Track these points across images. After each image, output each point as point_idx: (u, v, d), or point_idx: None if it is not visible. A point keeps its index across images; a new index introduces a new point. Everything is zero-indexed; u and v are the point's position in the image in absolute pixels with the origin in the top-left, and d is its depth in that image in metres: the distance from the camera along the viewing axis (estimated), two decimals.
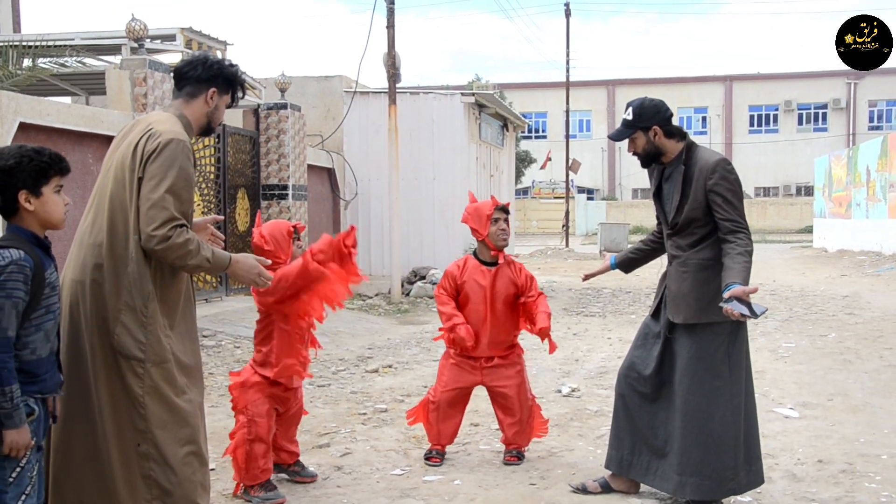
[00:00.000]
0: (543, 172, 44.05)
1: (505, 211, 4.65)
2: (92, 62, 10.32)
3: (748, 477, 3.83)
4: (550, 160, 40.71)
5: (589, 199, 46.92)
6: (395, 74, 12.81)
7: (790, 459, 4.70)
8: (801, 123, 47.25)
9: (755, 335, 9.19)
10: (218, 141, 10.55)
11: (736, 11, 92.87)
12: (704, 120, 47.60)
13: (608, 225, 26.77)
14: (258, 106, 11.69)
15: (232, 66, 3.27)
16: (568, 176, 30.81)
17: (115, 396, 2.96)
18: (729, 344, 3.79)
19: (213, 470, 3.96)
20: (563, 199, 36.53)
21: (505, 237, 4.62)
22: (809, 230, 31.63)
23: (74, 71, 10.13)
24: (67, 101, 11.64)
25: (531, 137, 46.13)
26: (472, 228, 4.63)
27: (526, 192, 45.56)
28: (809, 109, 47.01)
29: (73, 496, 2.94)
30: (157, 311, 3.00)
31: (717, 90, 47.71)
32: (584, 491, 4.15)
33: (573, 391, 6.49)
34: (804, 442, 5.05)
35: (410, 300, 12.85)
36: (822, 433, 5.24)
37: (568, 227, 29.78)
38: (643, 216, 40.85)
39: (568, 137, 30.65)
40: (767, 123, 47.71)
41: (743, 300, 3.49)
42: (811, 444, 5.01)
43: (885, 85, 45.30)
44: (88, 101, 12.02)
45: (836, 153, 26.84)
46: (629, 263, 4.37)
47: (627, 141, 3.97)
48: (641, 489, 4.11)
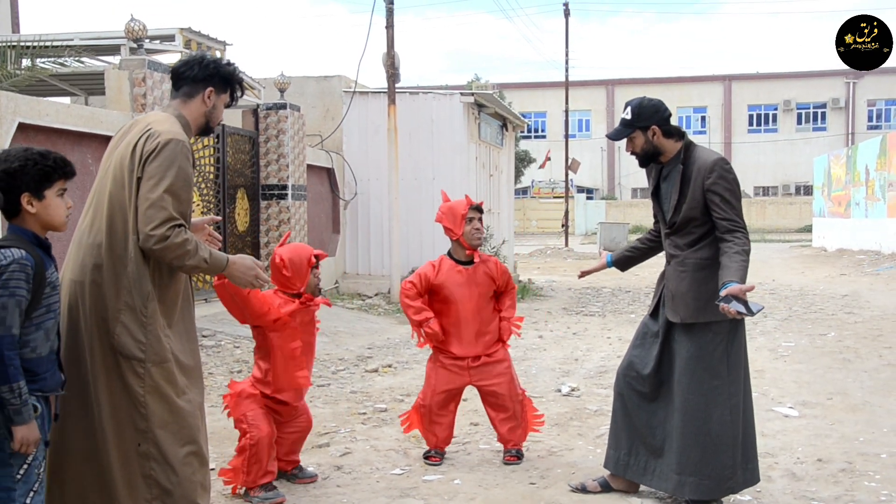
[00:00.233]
0: (543, 172, 44.08)
1: (479, 210, 4.66)
2: (91, 62, 10.31)
3: (744, 475, 3.84)
4: (550, 160, 40.76)
5: (588, 198, 46.95)
6: (394, 74, 12.80)
7: (790, 458, 4.70)
8: (800, 123, 47.27)
9: (755, 334, 9.20)
10: (217, 141, 10.55)
11: (735, 11, 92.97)
12: (703, 119, 47.61)
13: (607, 224, 26.81)
14: (257, 106, 11.68)
15: (229, 64, 3.26)
16: (567, 175, 30.83)
17: (114, 396, 2.96)
18: (727, 343, 3.79)
19: (212, 470, 3.96)
20: (562, 198, 36.56)
21: (479, 236, 4.62)
22: (809, 229, 31.64)
23: (73, 71, 10.12)
24: (66, 101, 11.63)
25: (531, 137, 46.14)
26: (445, 228, 4.63)
27: (525, 191, 45.59)
28: (808, 109, 47.03)
29: (73, 496, 2.94)
30: (156, 310, 3.00)
31: (716, 90, 47.73)
32: (583, 490, 4.15)
33: (573, 390, 6.49)
34: (804, 441, 5.05)
35: None
36: (821, 432, 5.25)
37: (567, 226, 29.80)
38: (642, 216, 40.85)
39: (567, 137, 30.67)
40: (766, 123, 47.72)
41: (740, 298, 3.50)
42: (811, 442, 5.02)
43: (883, 84, 45.33)
44: (87, 101, 12.01)
45: (835, 152, 26.85)
46: (625, 261, 4.38)
47: (626, 140, 3.97)
48: (641, 489, 4.11)
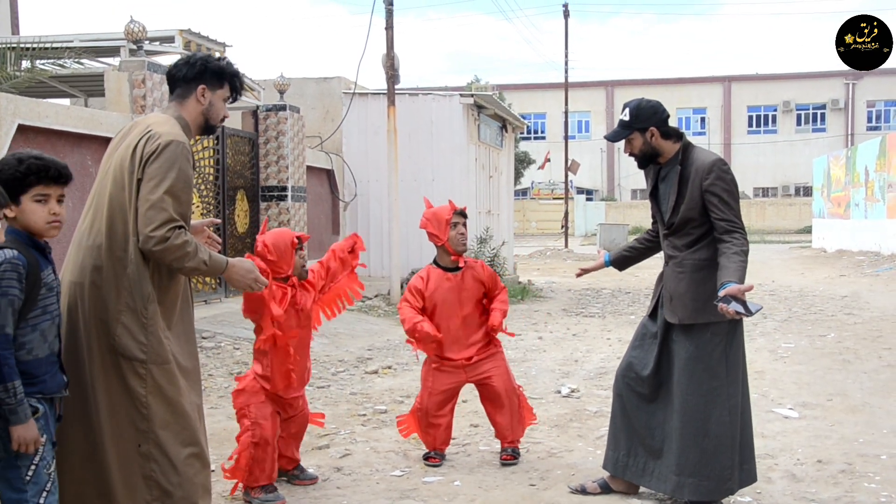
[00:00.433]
0: (542, 173, 44.09)
1: (463, 215, 4.66)
2: (91, 64, 10.32)
3: (741, 475, 3.84)
4: (549, 161, 40.76)
5: (588, 199, 46.97)
6: (393, 76, 12.81)
7: (790, 459, 4.70)
8: (799, 124, 47.29)
9: (755, 335, 9.20)
10: (217, 142, 10.55)
11: (734, 12, 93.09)
12: (703, 121, 47.63)
13: (607, 225, 26.83)
14: (257, 107, 11.69)
15: (219, 59, 3.23)
16: (567, 177, 30.83)
17: (113, 398, 2.95)
18: (726, 344, 3.80)
19: (212, 471, 3.95)
20: (562, 199, 36.56)
21: (464, 241, 4.62)
22: (808, 230, 31.64)
23: (73, 73, 10.12)
24: (66, 102, 11.64)
25: (530, 138, 46.16)
26: (430, 234, 4.63)
27: (525, 192, 45.59)
28: (808, 110, 47.05)
29: (71, 498, 2.93)
30: (157, 312, 3.00)
31: (715, 91, 47.75)
32: (583, 492, 4.15)
33: (573, 392, 6.49)
34: (803, 442, 5.05)
35: None
36: (821, 433, 5.25)
37: (567, 227, 29.81)
38: (642, 217, 40.84)
39: (567, 138, 30.69)
40: (766, 124, 47.74)
41: (738, 298, 3.50)
42: (810, 444, 5.01)
43: (883, 85, 45.37)
44: (87, 102, 12.01)
45: (834, 153, 26.85)
46: (623, 261, 4.40)
47: (624, 142, 3.97)
48: (641, 490, 4.11)
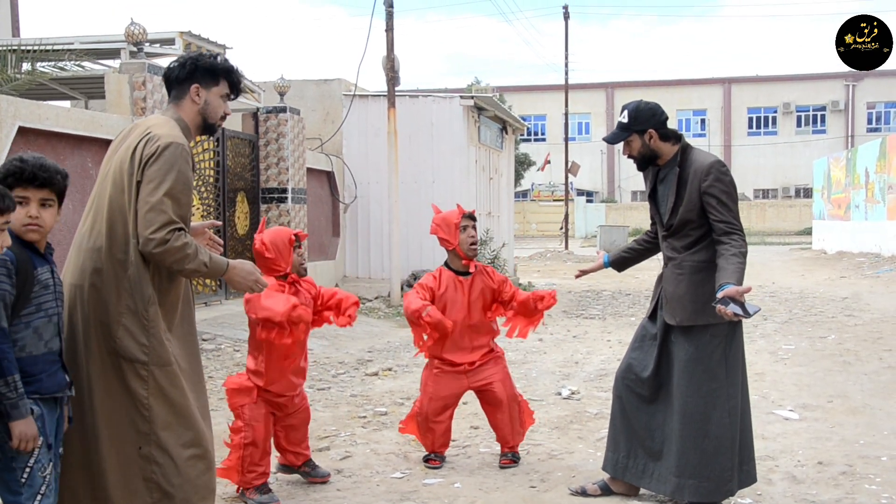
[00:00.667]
0: (543, 175, 44.11)
1: (472, 218, 4.67)
2: (91, 66, 10.33)
3: (741, 476, 3.85)
4: (549, 163, 40.78)
5: (588, 201, 46.98)
6: (394, 77, 12.81)
7: (790, 461, 4.70)
8: (799, 125, 47.30)
9: (755, 337, 9.19)
10: (217, 144, 10.55)
11: (734, 14, 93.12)
12: (703, 122, 47.64)
13: (607, 227, 26.85)
14: (257, 109, 11.69)
15: (210, 57, 3.21)
16: (567, 178, 30.85)
17: (113, 400, 2.95)
18: (726, 346, 3.80)
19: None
20: (562, 201, 36.57)
21: (474, 246, 4.64)
22: (808, 232, 31.64)
23: (73, 75, 10.13)
24: (66, 105, 11.65)
25: (530, 140, 46.19)
26: (441, 239, 4.65)
27: (525, 194, 45.60)
28: (808, 111, 47.06)
29: (66, 502, 2.92)
30: (158, 313, 2.99)
31: (715, 92, 47.76)
32: (583, 494, 4.15)
33: (573, 394, 6.49)
34: (804, 444, 5.05)
35: None
36: (822, 435, 5.24)
37: (567, 229, 29.81)
38: (642, 218, 40.85)
39: (567, 140, 30.71)
40: (766, 125, 47.75)
41: (737, 300, 3.50)
42: (811, 445, 5.01)
43: (883, 87, 45.39)
44: (87, 105, 12.02)
45: (834, 155, 26.86)
46: (622, 262, 4.40)
47: (623, 144, 3.97)
48: (641, 492, 4.11)
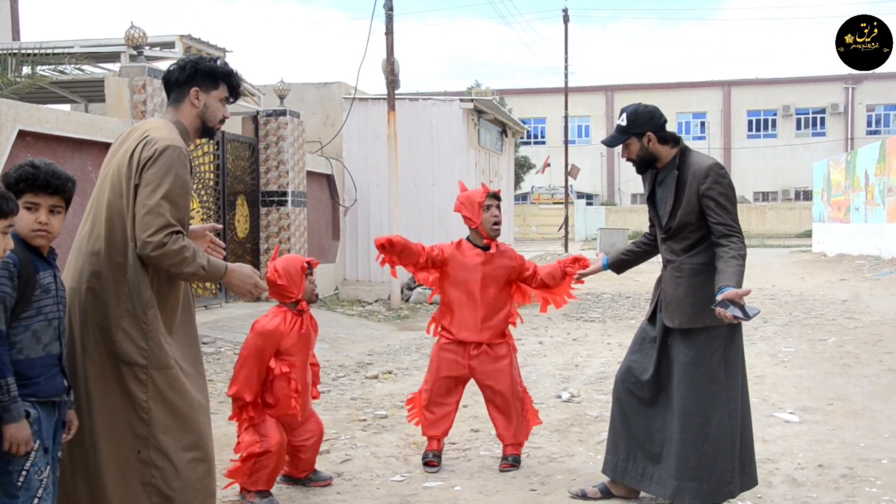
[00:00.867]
0: (542, 178, 44.11)
1: (496, 198, 4.66)
2: (91, 70, 10.34)
3: (742, 479, 3.84)
4: (549, 165, 40.77)
5: (588, 204, 46.96)
6: (393, 81, 12.83)
7: (790, 464, 4.69)
8: (799, 128, 47.30)
9: (755, 340, 9.19)
10: (217, 147, 10.56)
11: (734, 17, 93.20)
12: (703, 125, 47.64)
13: (607, 230, 26.83)
14: (257, 113, 11.70)
15: (210, 60, 3.21)
16: (567, 181, 30.86)
17: (111, 404, 2.95)
18: (725, 348, 3.80)
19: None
20: (562, 204, 36.58)
21: (497, 225, 4.62)
22: (808, 234, 31.64)
23: (73, 78, 10.14)
24: (66, 108, 11.66)
25: (530, 143, 46.20)
26: (464, 217, 4.64)
27: (525, 197, 45.61)
28: (808, 114, 47.07)
29: None
30: (157, 317, 2.99)
31: (715, 95, 47.78)
32: (583, 497, 4.14)
33: (573, 397, 6.48)
34: (804, 446, 5.04)
35: (410, 306, 12.84)
36: (822, 438, 5.24)
37: (567, 232, 29.81)
38: (642, 221, 40.79)
39: (567, 143, 30.72)
40: (766, 128, 47.76)
41: (736, 303, 3.50)
42: (811, 448, 5.01)
43: (882, 89, 45.41)
44: (87, 108, 12.03)
45: (834, 158, 26.86)
46: (621, 264, 4.42)
47: (621, 147, 3.98)
48: (641, 495, 4.11)
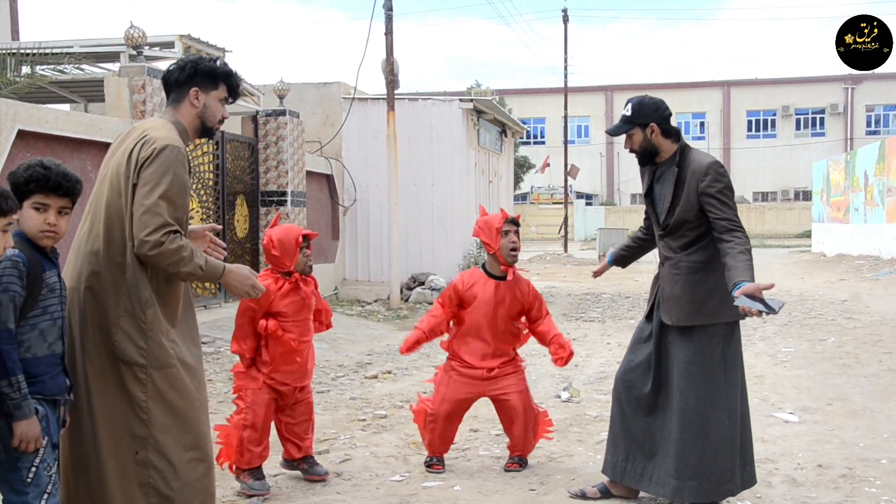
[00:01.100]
0: (542, 178, 44.11)
1: (515, 223, 4.66)
2: (90, 69, 10.33)
3: (742, 477, 3.84)
4: (549, 165, 40.77)
5: (587, 204, 46.97)
6: (393, 81, 12.82)
7: (790, 464, 4.69)
8: (798, 128, 47.31)
9: (754, 340, 9.19)
10: (216, 147, 10.56)
11: (734, 17, 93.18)
12: (702, 125, 47.64)
13: (607, 230, 26.79)
14: (257, 112, 11.69)
15: (210, 60, 3.21)
16: (566, 181, 30.86)
17: (111, 404, 2.94)
18: (724, 346, 3.81)
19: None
20: (561, 204, 36.57)
21: (515, 251, 4.61)
22: (808, 235, 31.65)
23: (73, 78, 10.13)
24: (66, 108, 11.65)
25: (530, 143, 46.19)
26: (483, 242, 4.65)
27: (525, 197, 45.60)
28: (807, 114, 47.08)
29: None
30: (156, 316, 2.99)
31: (714, 95, 47.79)
32: (583, 497, 4.14)
33: (572, 397, 6.48)
34: (804, 446, 5.04)
35: (409, 306, 12.84)
36: (821, 438, 5.24)
37: (566, 232, 29.81)
38: (641, 221, 40.77)
39: (566, 143, 30.72)
40: (765, 128, 47.76)
41: (756, 297, 3.43)
42: (811, 448, 5.01)
43: (882, 90, 45.41)
44: (87, 108, 12.02)
45: (833, 158, 26.87)
46: (622, 260, 4.57)
47: (625, 137, 4.00)
48: (641, 495, 4.11)
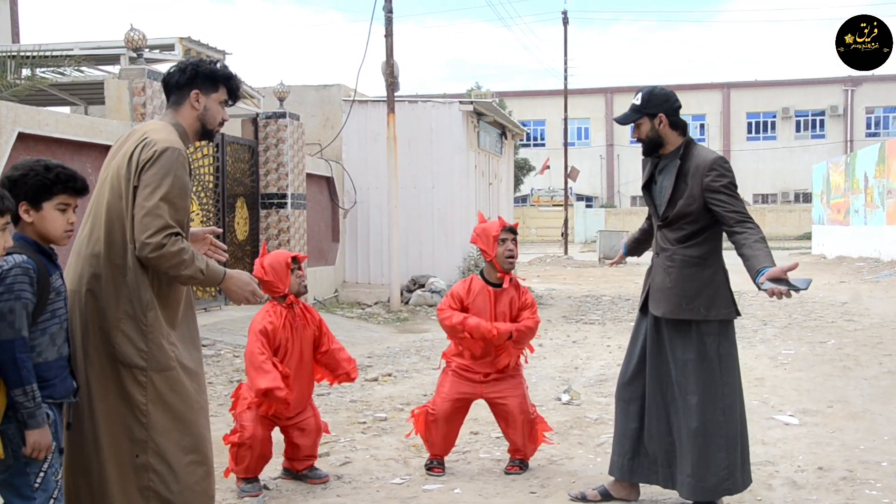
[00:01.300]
0: (542, 180, 44.10)
1: (513, 231, 4.66)
2: (91, 72, 10.33)
3: (742, 476, 3.85)
4: (549, 168, 40.76)
5: (588, 206, 46.96)
6: (393, 83, 12.83)
7: (790, 466, 4.69)
8: (798, 130, 47.32)
9: (755, 342, 9.19)
10: (217, 150, 10.56)
11: (733, 19, 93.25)
12: (702, 127, 47.64)
13: (607, 232, 26.83)
14: (257, 115, 11.70)
15: (211, 63, 3.22)
16: (566, 184, 30.86)
17: (112, 407, 2.94)
18: (719, 343, 3.82)
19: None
20: (561, 206, 36.57)
21: (511, 259, 4.61)
22: (808, 237, 31.66)
23: (73, 81, 10.13)
24: (66, 110, 11.66)
25: (530, 145, 46.19)
26: (481, 249, 4.67)
27: (525, 199, 45.60)
28: (807, 116, 47.09)
29: None
30: (157, 318, 2.99)
31: (714, 97, 47.79)
32: (583, 500, 4.15)
33: (573, 399, 6.48)
34: (804, 449, 5.04)
35: (409, 309, 12.84)
36: (822, 440, 5.24)
37: (567, 234, 29.81)
38: (641, 223, 40.72)
39: (566, 145, 30.72)
40: (765, 130, 47.77)
41: (782, 279, 3.46)
42: (811, 451, 5.01)
43: (881, 92, 45.43)
44: (87, 110, 12.03)
45: (833, 160, 26.88)
46: (634, 248, 4.63)
47: (632, 127, 4.02)
48: (641, 497, 4.11)
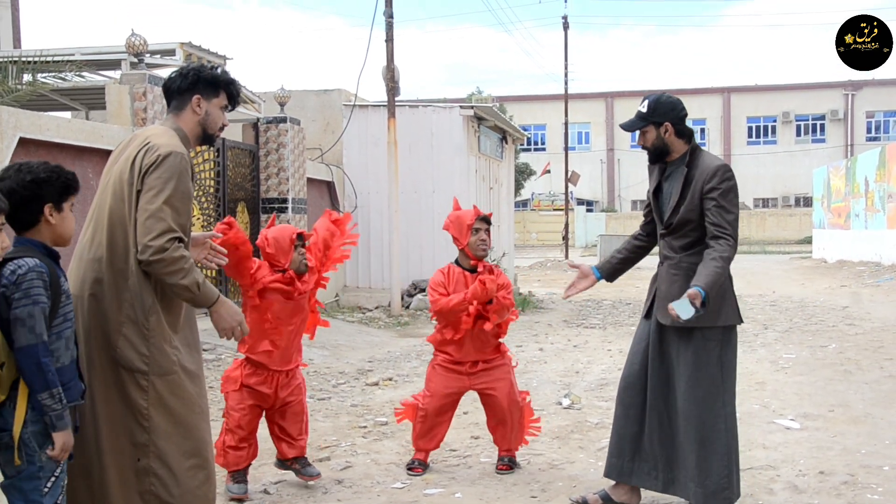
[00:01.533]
0: (543, 184, 44.12)
1: (486, 221, 4.68)
2: (92, 77, 10.35)
3: (738, 486, 3.84)
4: (549, 171, 40.77)
5: (588, 210, 46.96)
6: (394, 88, 12.84)
7: (791, 471, 4.69)
8: (799, 135, 47.36)
9: (755, 346, 9.19)
10: (217, 154, 10.57)
11: (734, 23, 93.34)
12: (703, 132, 47.67)
13: (607, 236, 26.81)
14: (257, 120, 11.71)
15: (212, 68, 3.23)
16: (567, 188, 30.87)
17: (113, 411, 2.94)
18: (721, 349, 3.82)
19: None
20: (562, 210, 36.58)
21: (484, 248, 4.64)
22: (809, 241, 31.65)
23: (74, 86, 10.16)
24: (67, 115, 11.67)
25: (530, 150, 46.21)
26: (453, 237, 4.67)
27: (525, 204, 45.62)
28: (807, 120, 47.12)
29: None
30: (159, 322, 2.99)
31: (715, 101, 47.83)
32: None
33: (573, 403, 6.48)
34: (805, 453, 5.04)
35: (410, 313, 12.83)
36: (823, 444, 5.23)
37: (567, 238, 29.81)
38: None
39: (567, 149, 30.74)
40: (766, 135, 47.81)
41: (693, 304, 3.53)
42: (812, 455, 5.00)
43: (882, 96, 45.47)
44: (88, 115, 12.04)
45: (834, 164, 26.89)
46: (613, 272, 4.34)
47: (638, 133, 4.01)
48: (641, 500, 4.11)
